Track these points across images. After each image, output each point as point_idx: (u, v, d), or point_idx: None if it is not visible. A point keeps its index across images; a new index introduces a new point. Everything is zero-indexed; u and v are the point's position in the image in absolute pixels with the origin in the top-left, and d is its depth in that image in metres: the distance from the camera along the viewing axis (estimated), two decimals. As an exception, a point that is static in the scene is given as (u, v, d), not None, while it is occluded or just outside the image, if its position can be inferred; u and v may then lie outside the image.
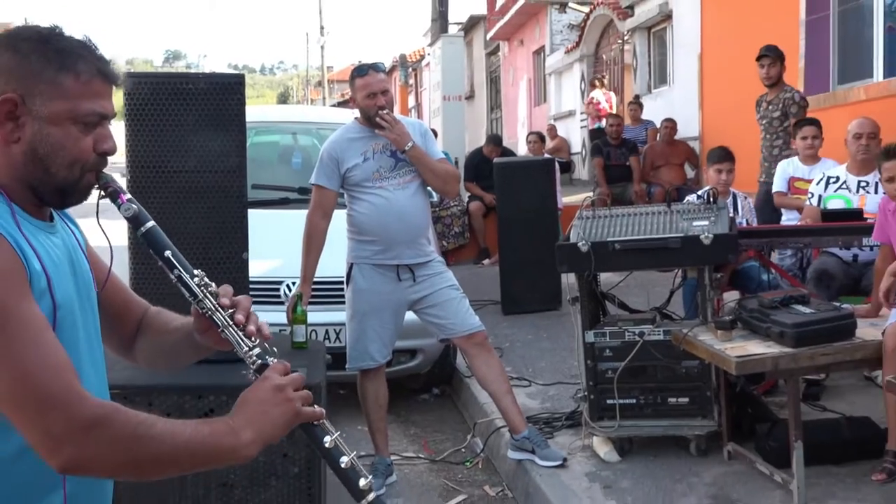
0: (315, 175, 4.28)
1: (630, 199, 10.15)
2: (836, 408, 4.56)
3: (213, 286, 1.64)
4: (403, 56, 25.27)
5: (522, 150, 14.93)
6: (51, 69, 1.46)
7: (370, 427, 4.41)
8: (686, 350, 4.00)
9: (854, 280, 5.09)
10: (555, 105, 19.75)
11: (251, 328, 1.61)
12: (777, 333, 3.66)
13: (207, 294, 1.62)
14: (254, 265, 3.57)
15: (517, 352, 6.31)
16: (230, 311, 1.62)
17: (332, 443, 1.56)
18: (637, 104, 12.79)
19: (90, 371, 1.55)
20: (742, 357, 3.59)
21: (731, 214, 4.82)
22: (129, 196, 1.60)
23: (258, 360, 1.59)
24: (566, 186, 12.85)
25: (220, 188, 3.40)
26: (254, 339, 1.61)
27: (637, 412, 4.30)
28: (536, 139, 11.37)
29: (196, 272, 1.63)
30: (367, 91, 4.18)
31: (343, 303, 4.41)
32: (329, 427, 1.58)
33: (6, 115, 1.45)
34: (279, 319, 4.17)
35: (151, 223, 1.63)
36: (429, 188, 4.40)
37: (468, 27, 25.81)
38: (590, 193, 10.27)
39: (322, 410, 1.58)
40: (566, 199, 9.97)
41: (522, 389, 5.30)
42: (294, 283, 4.67)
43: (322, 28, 43.68)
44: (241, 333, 1.61)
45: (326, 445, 1.56)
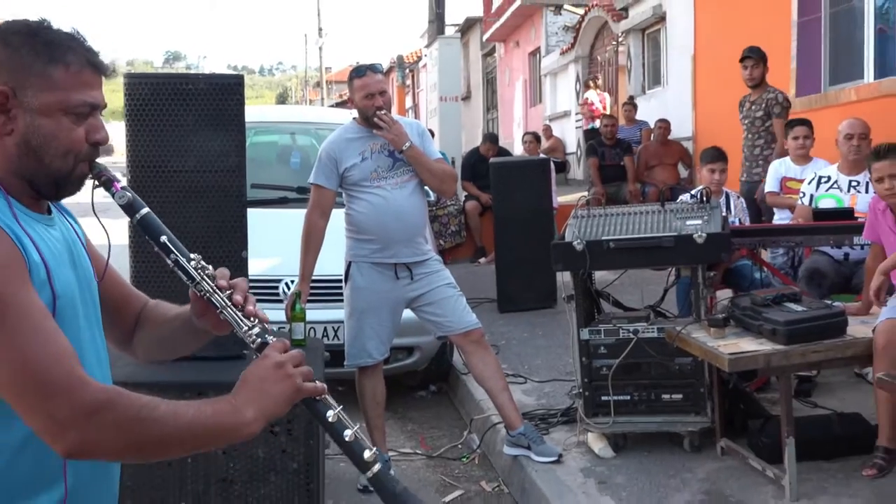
0: (314, 174, 4.28)
1: (624, 199, 10.15)
2: (828, 404, 4.57)
3: (210, 269, 1.64)
4: (401, 57, 25.25)
5: (518, 151, 14.93)
6: (40, 61, 1.46)
7: (368, 423, 4.41)
8: (679, 347, 4.01)
9: (845, 278, 5.10)
10: (550, 106, 19.75)
11: (249, 308, 1.61)
12: (769, 331, 3.68)
13: (204, 277, 1.62)
14: (253, 263, 3.56)
15: (513, 349, 6.31)
16: (228, 293, 1.61)
17: (336, 417, 1.55)
18: (631, 105, 12.80)
19: (93, 361, 1.54)
20: (735, 354, 3.60)
21: (724, 214, 4.82)
22: (124, 184, 1.60)
23: (258, 339, 1.58)
24: (561, 186, 12.86)
25: (220, 187, 3.39)
26: (252, 319, 1.60)
27: (631, 408, 4.31)
28: (532, 139, 11.40)
29: (192, 256, 1.63)
30: (365, 92, 4.18)
31: (341, 301, 4.41)
32: (331, 402, 1.56)
33: None
34: (278, 317, 4.16)
35: (146, 210, 1.63)
36: (426, 187, 4.40)
37: (465, 29, 25.82)
38: (585, 193, 10.24)
39: (324, 385, 1.56)
40: (561, 199, 9.97)
41: (518, 386, 5.30)
42: (293, 282, 4.67)
43: (320, 29, 43.61)
44: (240, 314, 1.60)
45: (330, 420, 1.55)
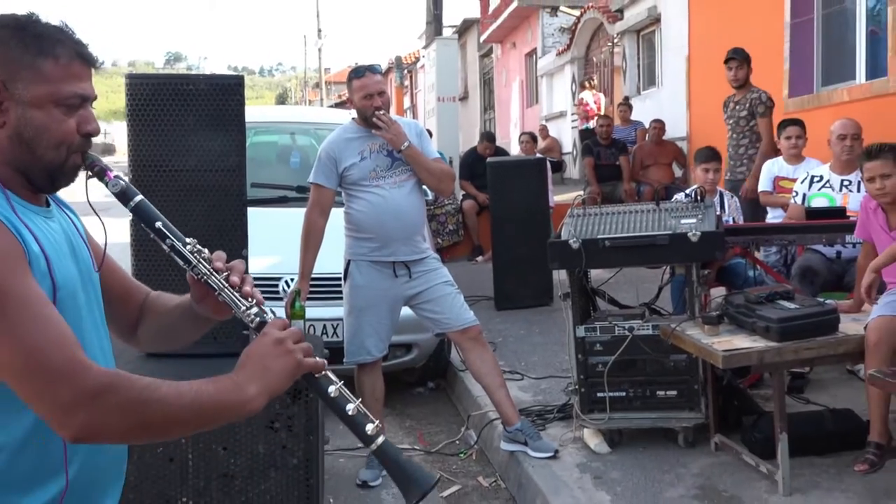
0: (313, 174, 4.28)
1: (620, 198, 10.15)
2: (820, 400, 4.58)
3: (206, 252, 1.63)
4: (399, 58, 25.25)
5: (515, 150, 14.92)
6: (30, 54, 1.46)
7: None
8: (674, 344, 4.01)
9: (837, 276, 5.11)
10: (546, 106, 19.75)
11: (247, 289, 1.61)
12: (762, 328, 3.68)
13: (201, 260, 1.62)
14: (253, 262, 3.55)
15: (510, 346, 6.32)
16: (225, 275, 1.61)
17: (337, 392, 1.54)
18: (626, 105, 12.80)
19: (96, 352, 1.54)
20: (728, 351, 3.60)
21: (718, 212, 4.82)
22: (117, 173, 1.60)
23: (257, 319, 1.58)
24: (557, 185, 12.85)
25: (221, 187, 3.39)
26: (250, 300, 1.60)
27: (626, 405, 4.31)
28: (528, 139, 11.40)
29: (188, 240, 1.62)
30: (364, 92, 4.17)
31: (340, 298, 4.41)
32: (332, 377, 1.56)
33: None
34: (278, 315, 4.15)
35: (140, 197, 1.63)
36: (424, 187, 4.40)
37: (462, 30, 25.80)
38: (581, 192, 10.28)
39: (324, 361, 1.56)
40: (557, 198, 9.96)
41: (515, 383, 5.30)
42: (293, 280, 4.66)
43: (320, 31, 43.57)
44: (238, 294, 1.59)
45: (332, 395, 1.54)
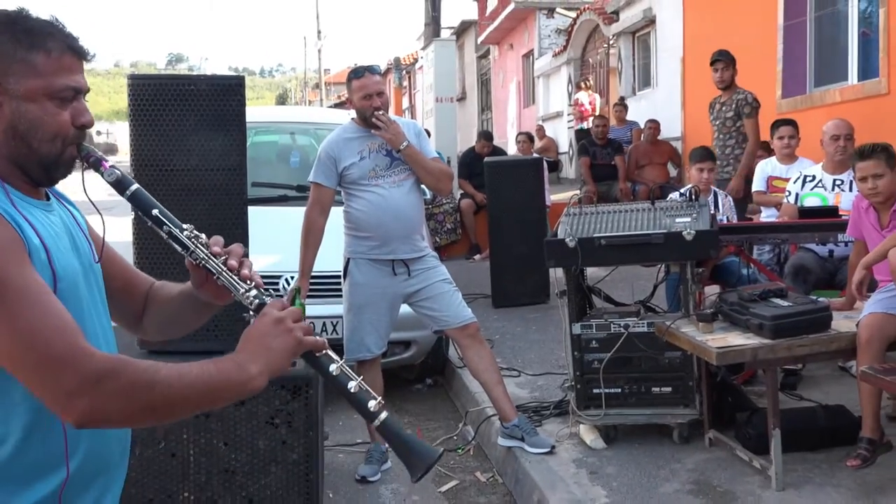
0: (313, 173, 4.27)
1: (615, 197, 10.15)
2: (813, 397, 4.58)
3: (204, 237, 1.63)
4: (398, 59, 25.29)
5: (512, 150, 14.93)
6: (21, 49, 1.46)
7: (366, 416, 4.40)
8: (669, 341, 4.01)
9: (830, 274, 5.11)
10: (543, 107, 19.75)
11: (245, 272, 1.60)
12: (756, 325, 3.68)
13: (198, 245, 1.61)
14: (254, 260, 3.51)
15: (507, 343, 6.31)
16: (223, 259, 1.60)
17: (338, 370, 1.54)
18: (622, 106, 12.80)
19: (99, 341, 1.53)
20: (723, 348, 3.61)
21: (713, 211, 4.82)
22: (112, 163, 1.59)
23: (256, 300, 1.57)
24: (554, 185, 12.85)
25: (222, 186, 3.38)
26: (249, 282, 1.59)
27: (622, 401, 4.31)
28: (525, 139, 11.40)
29: (185, 226, 1.62)
30: (364, 92, 4.17)
31: (340, 296, 4.40)
32: (333, 356, 1.55)
33: None
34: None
35: (136, 186, 1.62)
36: (423, 186, 4.39)
37: (460, 31, 25.78)
38: (577, 191, 10.29)
39: (324, 340, 1.55)
40: (554, 197, 9.96)
41: (512, 379, 5.30)
42: (293, 277, 4.66)
43: (319, 32, 43.53)
44: (236, 277, 1.59)
45: (333, 373, 1.54)
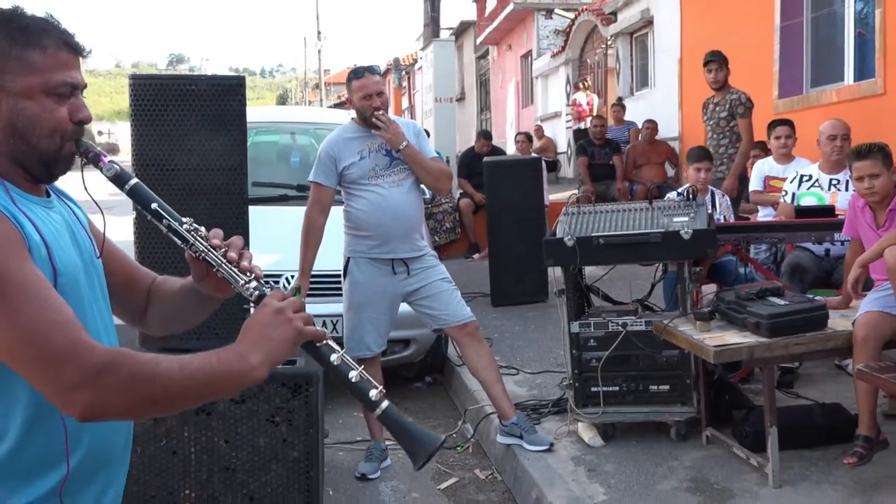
0: (313, 173, 4.27)
1: (613, 197, 10.15)
2: (809, 395, 4.58)
3: (203, 230, 1.62)
4: (397, 60, 25.30)
5: (511, 150, 14.93)
6: (17, 46, 1.46)
7: (366, 414, 4.41)
8: (666, 340, 4.01)
9: (826, 273, 5.11)
10: (541, 107, 19.75)
11: (245, 264, 1.60)
12: (753, 324, 3.68)
13: (198, 238, 1.60)
14: (254, 259, 3.55)
15: (506, 342, 6.31)
16: (222, 251, 1.60)
17: (339, 359, 1.53)
18: (620, 106, 12.81)
19: (101, 336, 1.53)
20: (720, 346, 3.61)
21: (710, 211, 4.83)
22: (110, 158, 1.59)
23: (255, 292, 1.57)
24: (552, 184, 12.85)
25: (222, 186, 3.38)
26: (249, 274, 1.59)
27: (620, 399, 4.31)
28: (524, 139, 11.40)
29: (185, 220, 1.61)
30: (364, 92, 4.16)
31: (340, 295, 4.40)
32: (334, 346, 1.55)
33: None
34: None
35: (135, 180, 1.62)
36: (422, 186, 4.39)
37: (459, 32, 25.80)
38: (575, 191, 10.29)
39: (324, 331, 1.54)
40: (552, 197, 9.96)
41: (511, 377, 5.30)
42: (293, 276, 4.66)
43: (319, 33, 43.50)
44: (236, 269, 1.59)
45: (334, 363, 1.53)
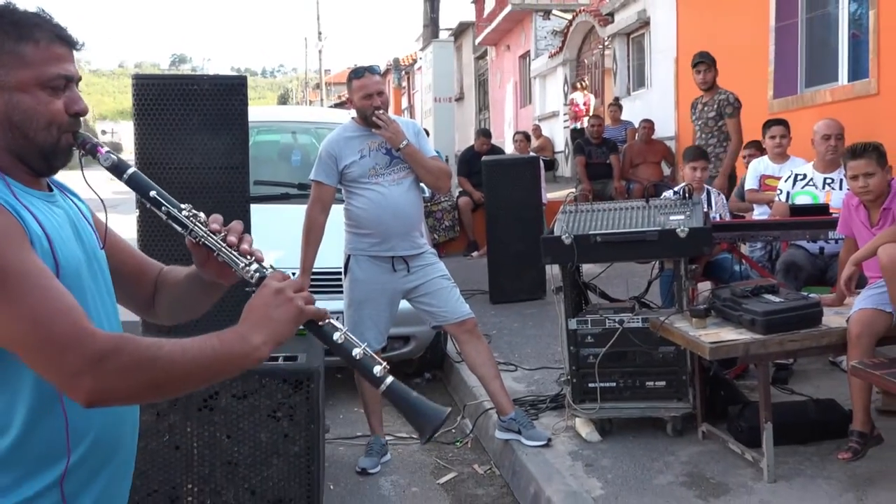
0: (314, 171, 4.27)
1: (610, 195, 10.15)
2: (804, 391, 4.58)
3: (203, 216, 1.62)
4: (397, 60, 25.28)
5: (509, 149, 14.93)
6: (10, 41, 1.46)
7: (366, 409, 4.41)
8: (663, 336, 4.01)
9: (820, 271, 5.11)
10: (539, 106, 19.76)
11: (244, 247, 1.59)
12: (748, 321, 3.68)
13: (197, 224, 1.60)
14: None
15: (504, 338, 6.31)
16: (222, 235, 1.60)
17: (342, 338, 1.53)
18: (617, 106, 12.80)
19: (105, 329, 1.52)
20: (715, 343, 3.60)
21: (706, 209, 4.82)
22: (108, 148, 1.59)
23: (256, 274, 1.56)
24: (550, 183, 12.85)
25: (224, 184, 3.39)
26: (249, 257, 1.58)
27: (617, 395, 4.31)
28: (522, 138, 11.40)
29: (183, 206, 1.61)
30: (364, 92, 4.16)
31: (341, 292, 4.39)
32: (336, 324, 1.54)
33: None
34: None
35: (133, 169, 1.62)
36: (422, 184, 4.39)
37: (458, 33, 25.78)
38: (572, 189, 10.28)
39: (326, 310, 1.54)
40: (550, 195, 9.97)
41: (509, 374, 5.30)
42: (294, 274, 4.64)
43: (320, 33, 43.50)
44: (236, 252, 1.58)
45: (338, 341, 1.52)
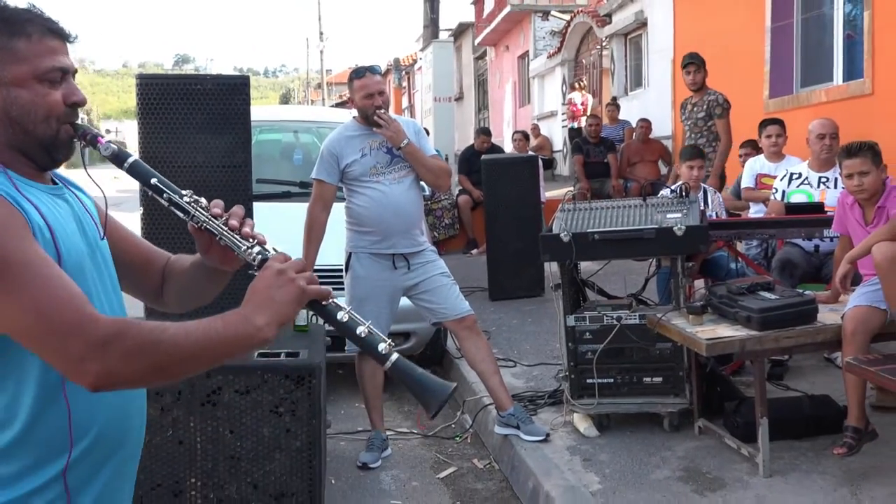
0: (316, 170, 4.26)
1: (608, 194, 10.15)
2: (799, 387, 4.58)
3: (204, 201, 1.61)
4: (397, 60, 25.26)
5: (508, 148, 14.92)
6: (3, 37, 1.46)
7: (367, 404, 4.40)
8: (660, 333, 4.01)
9: (815, 268, 5.11)
10: (538, 106, 19.75)
11: (246, 230, 1.59)
12: (744, 318, 3.68)
13: (198, 209, 1.59)
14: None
15: (503, 335, 6.31)
16: (224, 219, 1.59)
17: (346, 316, 1.52)
18: (614, 105, 12.79)
19: None
20: (712, 339, 3.61)
21: (702, 207, 4.82)
22: (108, 138, 1.59)
23: (259, 256, 1.55)
24: (548, 182, 12.83)
25: (227, 183, 3.38)
26: (251, 240, 1.58)
27: (614, 391, 4.31)
28: (521, 138, 11.40)
29: (185, 192, 1.60)
30: (365, 92, 4.16)
31: (342, 289, 4.39)
32: (340, 304, 1.54)
33: None
34: None
35: (133, 158, 1.62)
36: (422, 182, 4.38)
37: (457, 33, 25.77)
38: (571, 188, 10.24)
39: (329, 289, 1.53)
40: (549, 194, 9.95)
41: (508, 370, 5.30)
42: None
43: (321, 34, 43.49)
44: (238, 236, 1.58)
45: (342, 319, 1.52)
